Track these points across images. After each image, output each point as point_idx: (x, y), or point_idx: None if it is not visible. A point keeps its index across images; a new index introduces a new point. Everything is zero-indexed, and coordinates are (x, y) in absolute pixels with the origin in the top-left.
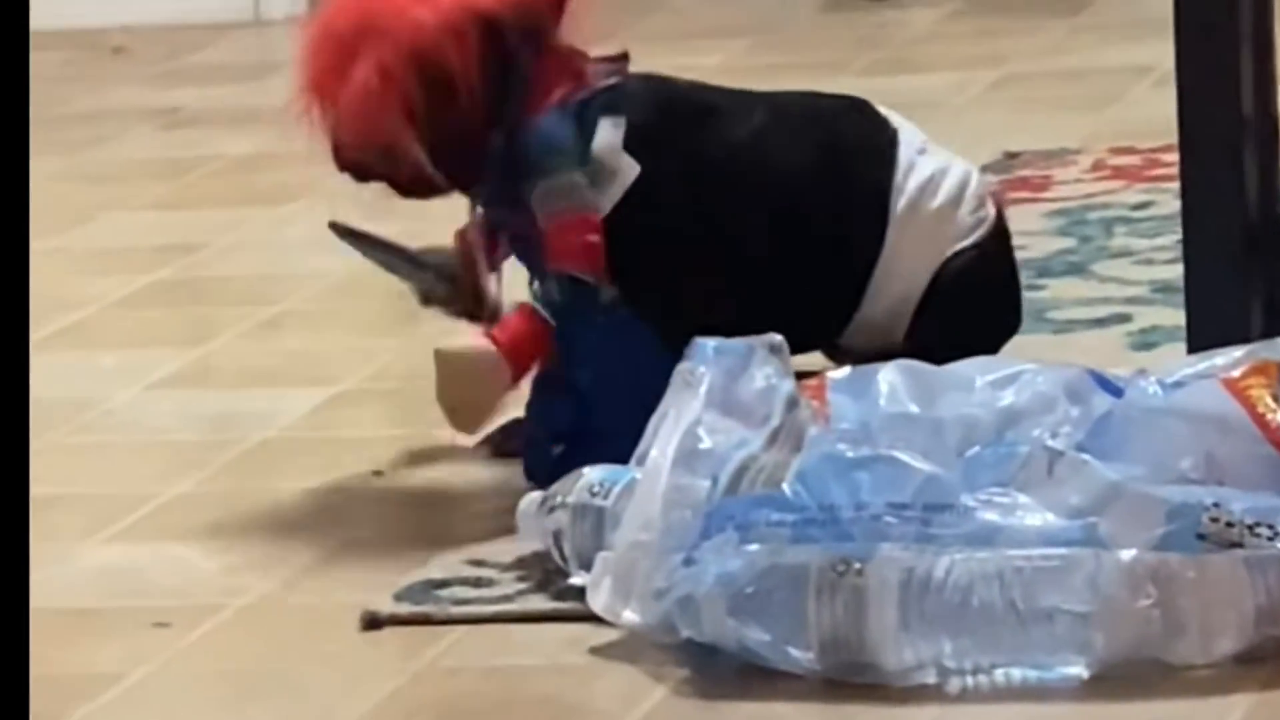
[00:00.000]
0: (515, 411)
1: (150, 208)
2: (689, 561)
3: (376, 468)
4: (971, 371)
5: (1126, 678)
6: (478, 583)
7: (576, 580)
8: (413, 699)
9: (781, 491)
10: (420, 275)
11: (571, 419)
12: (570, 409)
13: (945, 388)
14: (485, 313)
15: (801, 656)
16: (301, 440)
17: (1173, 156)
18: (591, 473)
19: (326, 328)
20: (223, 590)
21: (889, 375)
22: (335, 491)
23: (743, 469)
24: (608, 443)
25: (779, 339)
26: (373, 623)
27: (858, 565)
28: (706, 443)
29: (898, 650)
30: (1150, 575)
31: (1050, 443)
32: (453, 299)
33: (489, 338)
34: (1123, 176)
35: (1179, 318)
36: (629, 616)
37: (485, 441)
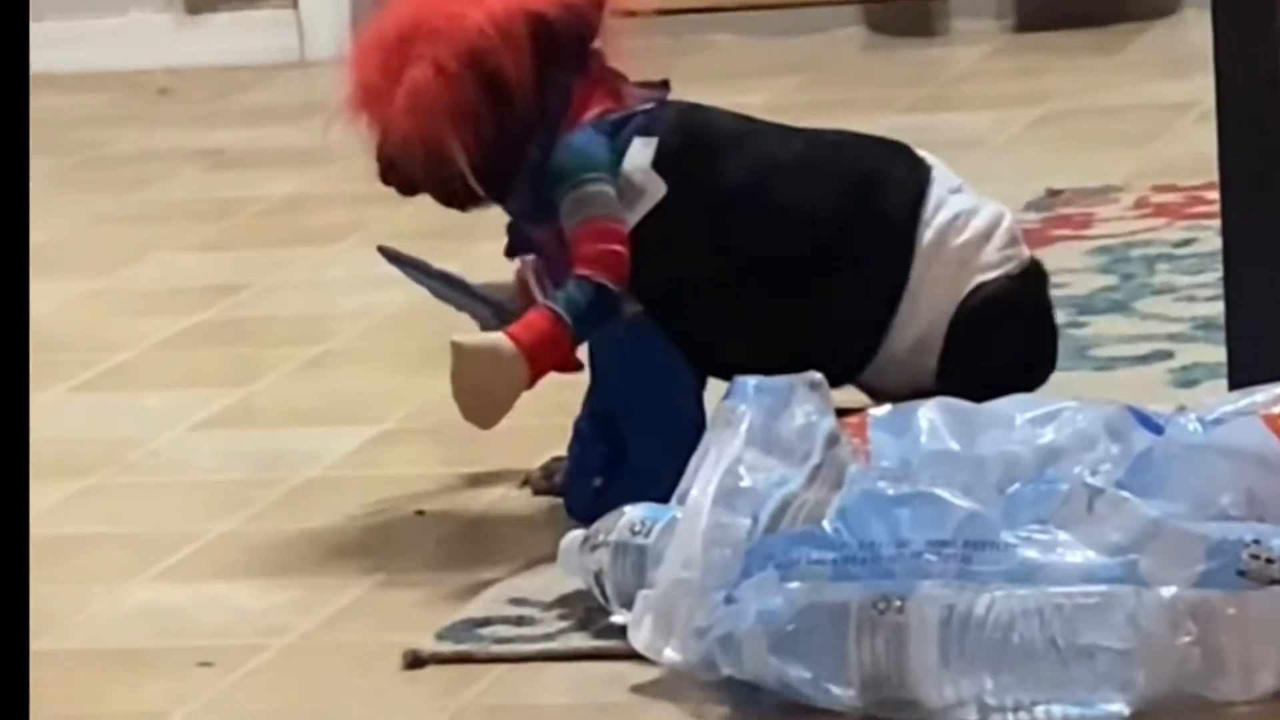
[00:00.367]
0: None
1: (195, 248)
2: (730, 599)
3: (419, 507)
4: (1012, 409)
5: (1167, 715)
6: (519, 621)
7: (618, 618)
8: None
9: (822, 529)
10: (473, 307)
11: (610, 456)
12: (609, 446)
13: (986, 425)
14: None
15: (842, 694)
16: (345, 479)
17: (1215, 193)
18: (633, 511)
19: (370, 367)
20: (266, 629)
21: (930, 412)
22: (378, 530)
23: (783, 507)
24: (641, 468)
25: (819, 376)
26: (415, 661)
27: (898, 603)
28: (747, 481)
29: (938, 687)
30: (1190, 612)
31: (1090, 480)
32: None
33: (509, 335)
34: (1165, 214)
35: (1220, 355)
36: (670, 655)
37: (526, 480)
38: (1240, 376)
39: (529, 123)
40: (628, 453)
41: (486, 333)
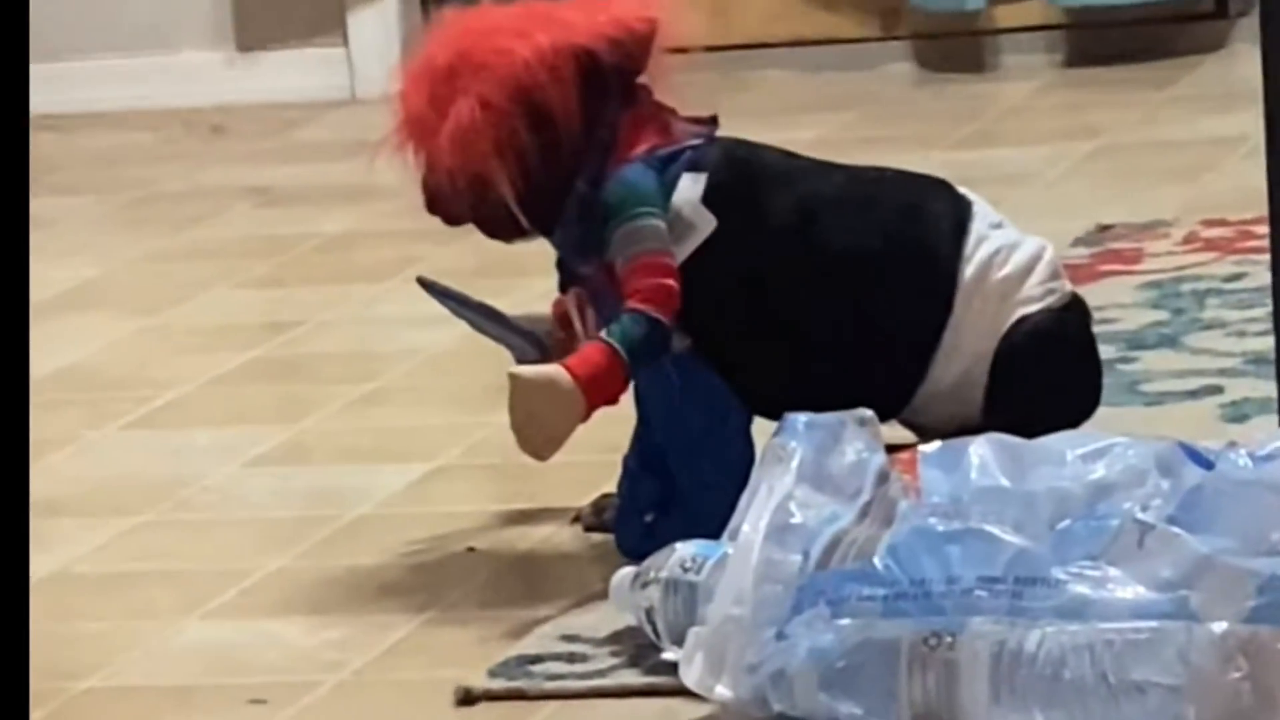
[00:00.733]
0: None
1: (247, 286)
2: (781, 636)
3: (470, 544)
4: (1063, 444)
5: None
6: (571, 658)
7: (669, 655)
8: None
9: (873, 565)
10: (512, 340)
11: (660, 492)
12: (659, 483)
13: (1036, 461)
14: None
15: None
16: (396, 516)
17: (1264, 228)
18: (684, 548)
19: (422, 404)
20: (318, 666)
21: (980, 449)
22: (429, 567)
23: (834, 543)
24: (691, 504)
25: (869, 413)
26: (467, 698)
27: (949, 639)
28: (798, 517)
29: None
30: (1241, 648)
31: (1141, 515)
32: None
33: (566, 368)
34: (1215, 248)
35: (1271, 390)
36: (721, 691)
37: (576, 517)
38: None
39: (576, 157)
40: (678, 489)
41: (545, 365)
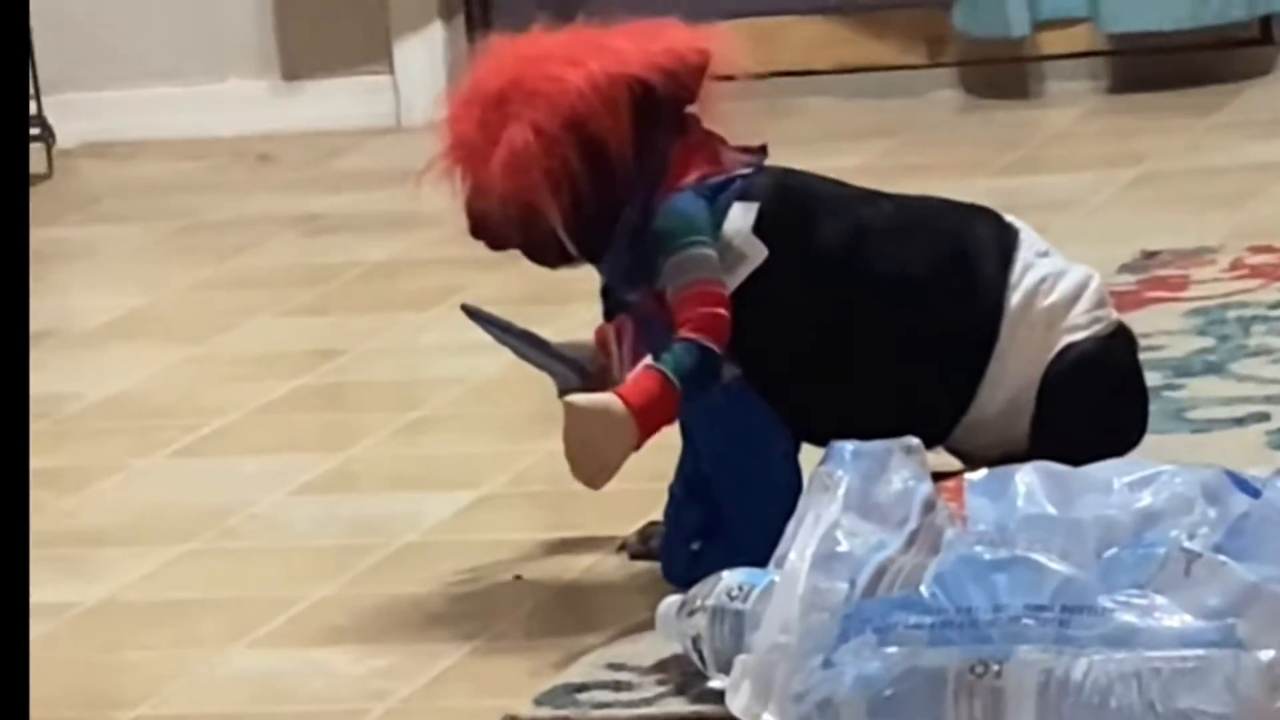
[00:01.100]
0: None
1: (293, 314)
2: (828, 664)
3: (516, 572)
4: (1109, 473)
5: None
6: (617, 686)
7: (716, 683)
8: None
9: (919, 594)
10: (554, 367)
11: (706, 519)
12: (705, 510)
13: (1083, 489)
14: None
15: None
16: (442, 544)
17: None
18: (730, 576)
19: (468, 432)
20: (365, 694)
21: (1026, 477)
22: (475, 595)
23: (881, 571)
24: (738, 531)
25: (916, 441)
26: None
27: (996, 667)
28: (844, 545)
29: None
30: None
31: (1187, 544)
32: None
33: (620, 396)
34: (1261, 275)
35: None
36: (768, 719)
37: (623, 545)
38: None
39: (626, 185)
40: (724, 517)
41: (599, 393)
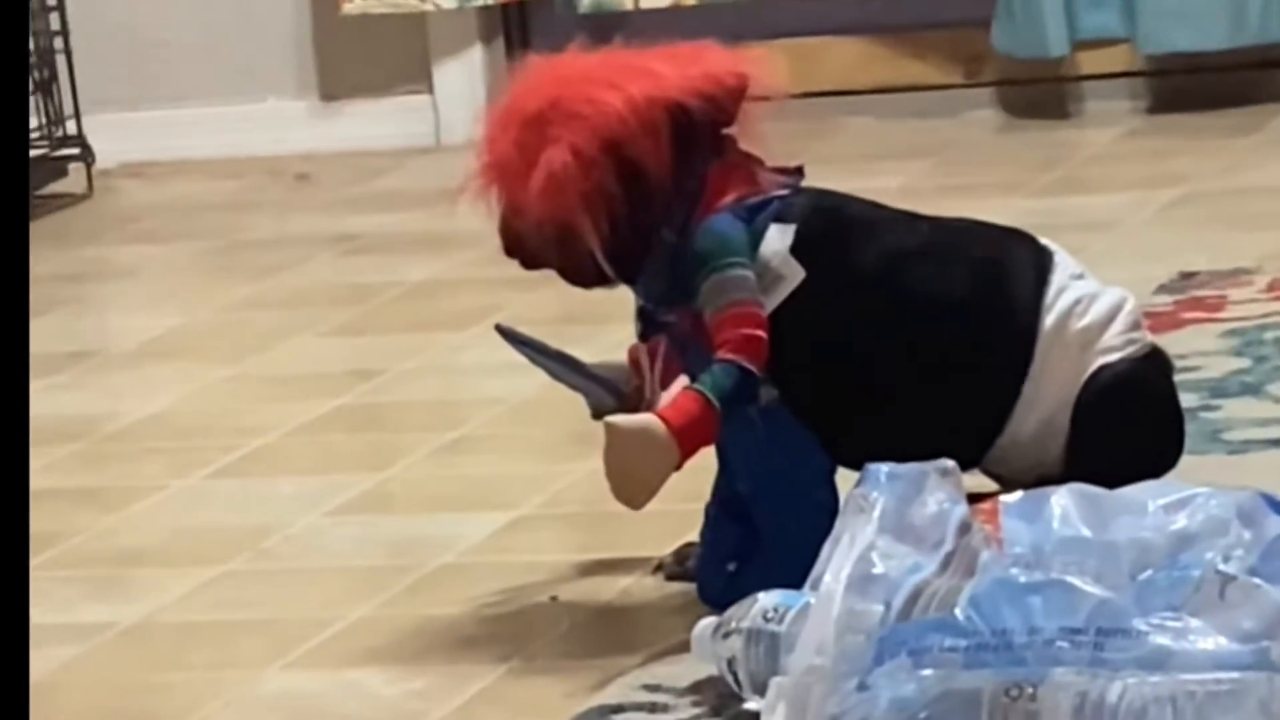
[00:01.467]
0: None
1: (331, 334)
2: (863, 686)
3: (552, 593)
4: (1144, 495)
5: None
6: (653, 708)
7: (751, 705)
8: None
9: (955, 616)
10: (588, 387)
11: (742, 541)
12: (741, 531)
13: (1118, 511)
14: None
15: None
16: (479, 565)
17: None
18: (766, 598)
19: (506, 452)
20: (401, 716)
21: (1062, 499)
22: (511, 616)
23: (916, 594)
24: (774, 553)
25: (951, 464)
26: None
27: (1030, 690)
28: (880, 568)
29: None
30: None
31: (1223, 566)
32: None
33: (661, 417)
34: None
35: None
36: None
37: (659, 566)
38: None
39: (663, 208)
40: (761, 538)
41: (639, 414)
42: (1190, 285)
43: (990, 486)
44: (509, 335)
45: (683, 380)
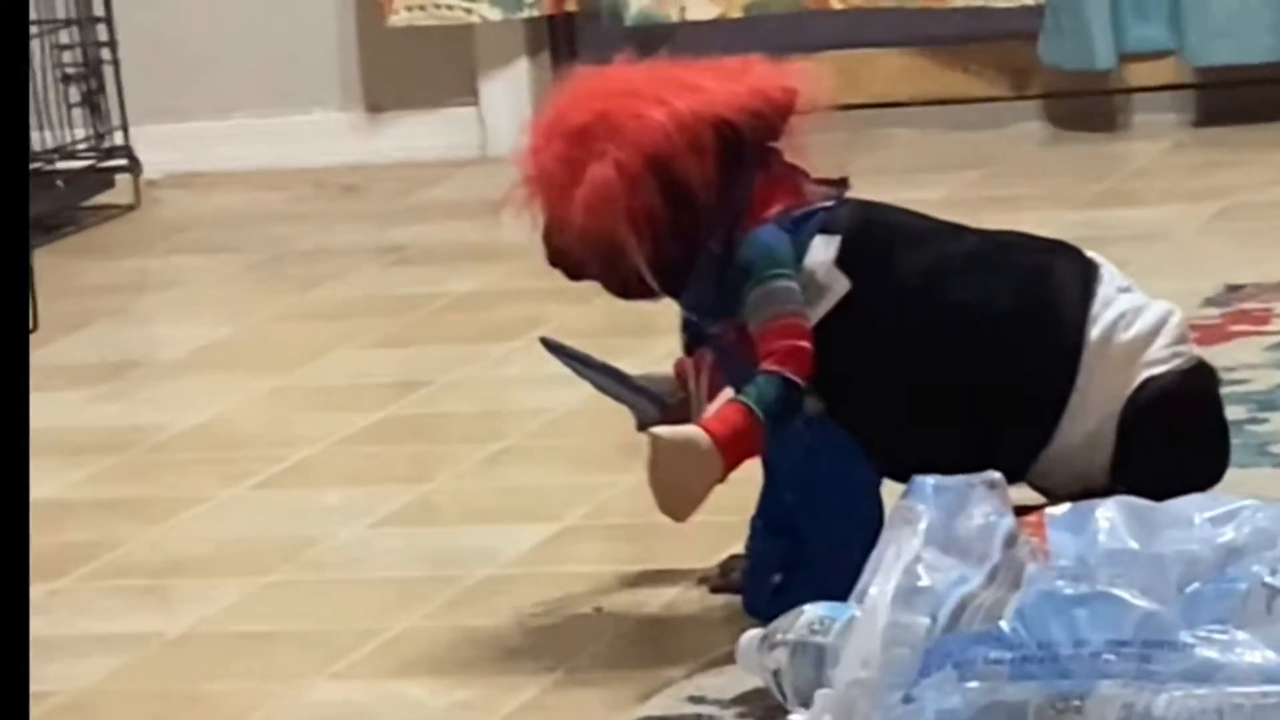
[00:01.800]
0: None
1: (376, 345)
2: (908, 699)
3: (596, 604)
4: (1191, 507)
5: None
6: (698, 719)
7: (796, 717)
8: None
9: (1000, 629)
10: (633, 399)
11: (788, 553)
12: (787, 543)
13: (1165, 524)
14: None
15: None
16: (523, 576)
17: None
18: (812, 610)
19: (549, 464)
20: None
21: (1108, 511)
22: (555, 628)
23: (962, 606)
24: (820, 564)
25: (998, 476)
26: None
27: (1077, 702)
28: (926, 580)
29: None
30: None
31: (1269, 579)
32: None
33: (705, 428)
34: None
35: None
36: None
37: (704, 578)
38: None
39: (708, 222)
40: (806, 550)
41: (684, 425)
42: (1237, 298)
43: (1036, 499)
44: (554, 348)
45: (728, 392)
